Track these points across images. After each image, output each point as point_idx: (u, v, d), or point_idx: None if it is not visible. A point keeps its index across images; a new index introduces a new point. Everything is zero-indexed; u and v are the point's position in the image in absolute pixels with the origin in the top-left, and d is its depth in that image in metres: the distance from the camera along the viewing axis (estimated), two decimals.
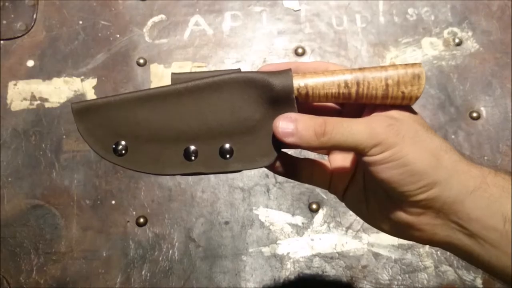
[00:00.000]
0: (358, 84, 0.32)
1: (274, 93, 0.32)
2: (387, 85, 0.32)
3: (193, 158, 0.34)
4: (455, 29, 0.67)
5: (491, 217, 0.29)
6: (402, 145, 0.29)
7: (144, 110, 0.33)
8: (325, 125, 0.30)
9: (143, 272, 0.58)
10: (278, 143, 0.33)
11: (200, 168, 0.34)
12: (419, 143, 0.30)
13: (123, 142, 0.33)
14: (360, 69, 0.32)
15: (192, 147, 0.33)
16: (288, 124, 0.31)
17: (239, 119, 0.33)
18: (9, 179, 0.61)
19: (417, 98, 0.32)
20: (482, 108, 0.64)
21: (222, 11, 0.69)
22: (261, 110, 0.33)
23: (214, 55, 0.67)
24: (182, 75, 0.34)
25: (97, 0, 0.69)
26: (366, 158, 0.30)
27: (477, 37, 0.67)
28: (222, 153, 0.34)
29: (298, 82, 0.32)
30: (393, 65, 0.32)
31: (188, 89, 0.33)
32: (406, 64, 0.32)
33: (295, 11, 0.69)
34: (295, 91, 0.32)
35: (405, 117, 0.32)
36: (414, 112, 0.33)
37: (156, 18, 0.69)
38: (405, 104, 0.33)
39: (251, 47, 0.67)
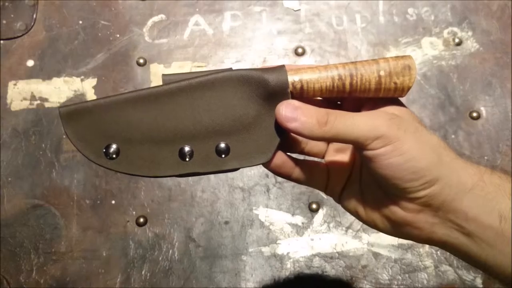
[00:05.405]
0: (351, 76, 0.32)
1: (269, 89, 0.32)
2: (379, 76, 0.32)
3: (188, 158, 0.33)
4: (455, 29, 0.67)
5: (488, 216, 0.29)
6: (404, 140, 0.29)
7: (135, 111, 0.32)
8: (327, 116, 0.30)
9: (143, 272, 0.58)
10: (276, 139, 0.33)
11: (196, 167, 0.33)
12: (420, 138, 0.30)
13: (114, 145, 0.32)
14: (353, 62, 0.33)
15: (187, 148, 0.33)
16: (291, 110, 0.30)
17: (234, 117, 0.33)
18: (9, 179, 0.61)
19: (409, 88, 0.33)
20: (482, 108, 0.64)
21: (222, 11, 0.69)
22: (256, 107, 0.33)
23: (214, 55, 0.67)
24: (173, 76, 0.33)
25: (97, 0, 0.69)
26: (367, 153, 0.30)
27: (477, 37, 0.67)
28: (218, 151, 0.33)
29: (293, 77, 0.32)
30: (384, 58, 0.33)
31: (181, 88, 0.32)
32: (396, 57, 0.33)
33: (295, 11, 0.69)
34: (290, 86, 0.32)
35: (404, 114, 0.33)
36: (410, 112, 0.34)
37: (156, 18, 0.69)
38: (397, 96, 0.33)
39: (251, 47, 0.67)
